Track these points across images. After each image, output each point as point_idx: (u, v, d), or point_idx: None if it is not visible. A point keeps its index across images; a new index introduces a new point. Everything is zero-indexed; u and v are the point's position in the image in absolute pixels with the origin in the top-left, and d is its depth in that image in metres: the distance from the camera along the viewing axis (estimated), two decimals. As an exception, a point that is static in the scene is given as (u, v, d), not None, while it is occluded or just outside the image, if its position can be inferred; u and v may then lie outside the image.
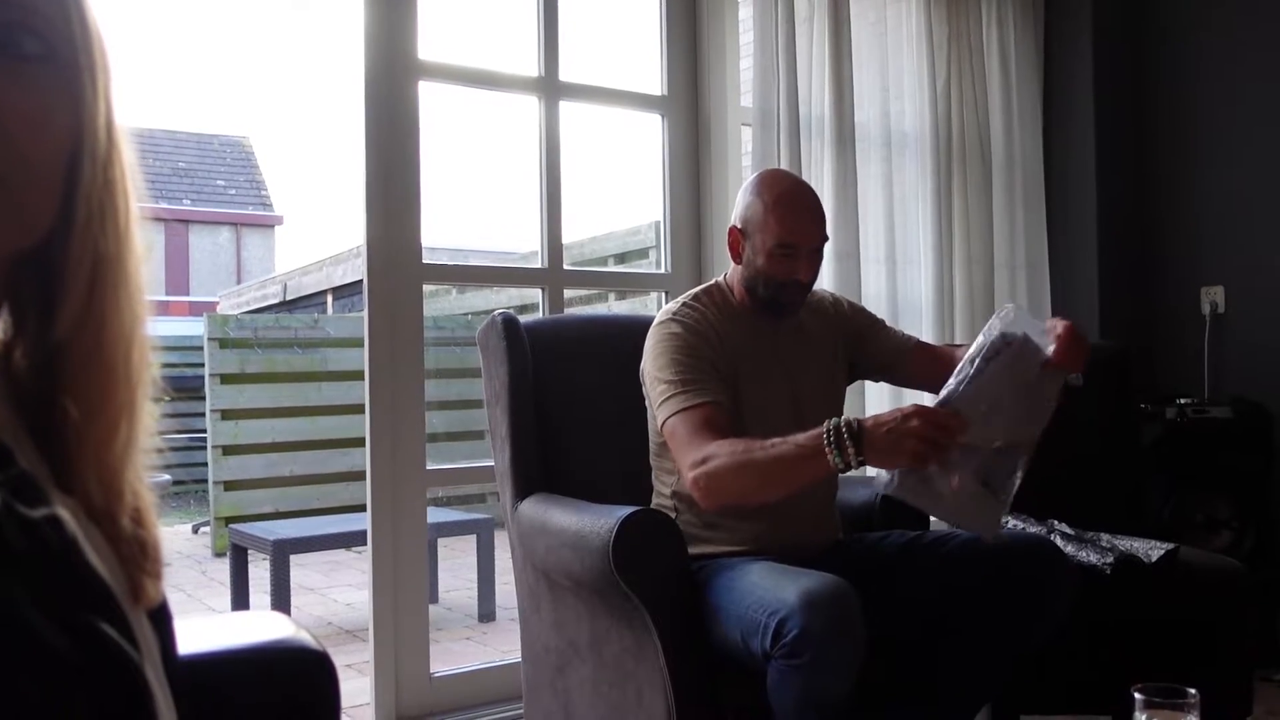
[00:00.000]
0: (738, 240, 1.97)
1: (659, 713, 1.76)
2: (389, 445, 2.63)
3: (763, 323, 2.00)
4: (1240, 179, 3.52)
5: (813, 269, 1.95)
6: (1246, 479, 3.15)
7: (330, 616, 4.47)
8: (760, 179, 1.99)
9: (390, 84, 2.63)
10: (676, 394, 1.83)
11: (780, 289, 1.94)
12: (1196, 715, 1.19)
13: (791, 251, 1.91)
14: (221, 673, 0.99)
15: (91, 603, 0.51)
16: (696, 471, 1.73)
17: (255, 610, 4.12)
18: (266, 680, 1.01)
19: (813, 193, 1.98)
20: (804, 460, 1.66)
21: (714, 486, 1.72)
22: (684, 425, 1.79)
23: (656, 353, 1.90)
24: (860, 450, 1.61)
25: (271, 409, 6.38)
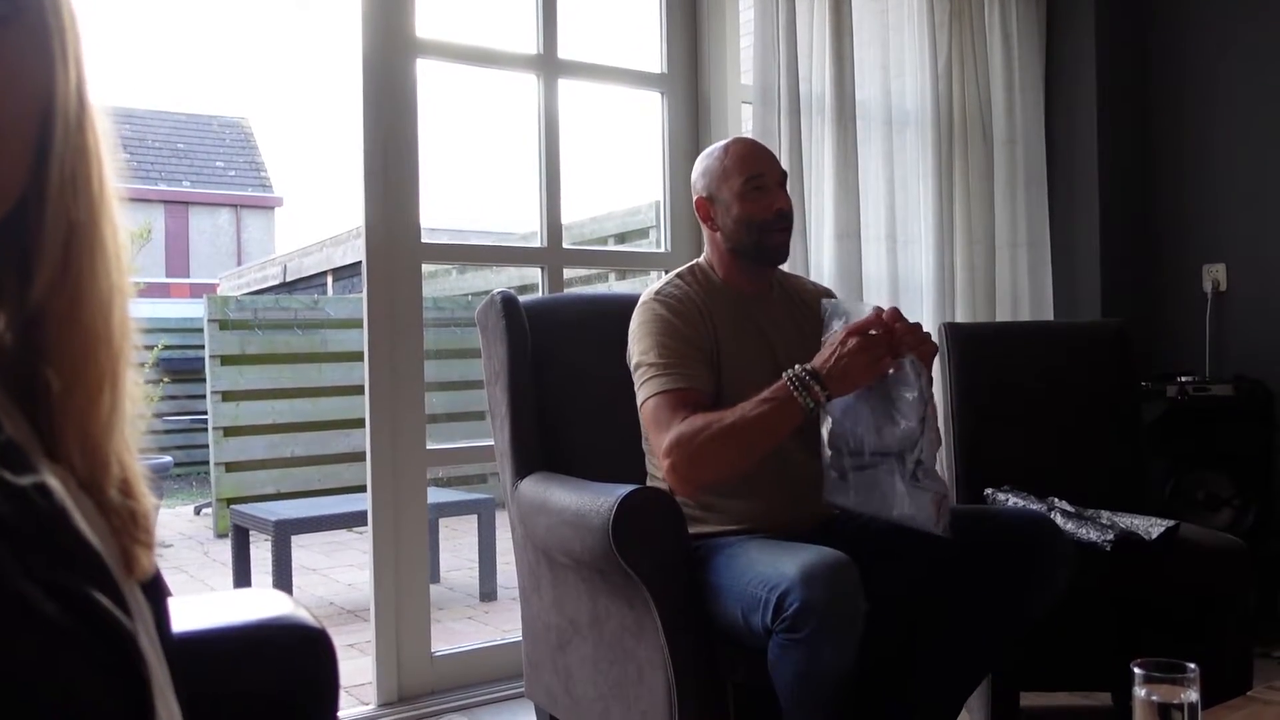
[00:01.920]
0: (706, 208, 2.01)
1: (659, 690, 1.76)
2: (389, 426, 2.63)
3: (745, 299, 2.01)
4: (1243, 156, 3.51)
5: (785, 200, 1.98)
6: (1247, 456, 3.14)
7: (332, 596, 4.48)
8: (707, 150, 2.07)
9: (388, 62, 2.61)
10: (655, 376, 1.84)
11: (764, 227, 1.95)
12: (1196, 690, 1.19)
13: (761, 182, 1.95)
14: (219, 649, 0.99)
15: (81, 570, 0.51)
16: (671, 457, 1.74)
17: (255, 588, 4.13)
18: (264, 657, 1.01)
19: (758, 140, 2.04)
20: (775, 412, 1.70)
21: (691, 466, 1.73)
22: (659, 409, 1.80)
23: (640, 334, 1.91)
24: (824, 385, 1.68)
25: (272, 390, 6.38)
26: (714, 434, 1.71)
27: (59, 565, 0.49)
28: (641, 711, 1.81)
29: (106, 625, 0.50)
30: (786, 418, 1.70)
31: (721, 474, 1.81)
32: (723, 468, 1.78)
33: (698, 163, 2.05)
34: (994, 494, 2.44)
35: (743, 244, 1.97)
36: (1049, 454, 2.62)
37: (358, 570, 4.97)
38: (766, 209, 1.94)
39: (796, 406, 1.68)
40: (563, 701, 2.08)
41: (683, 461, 1.73)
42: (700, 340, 1.90)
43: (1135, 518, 2.25)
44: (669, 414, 1.78)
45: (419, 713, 2.59)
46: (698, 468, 1.74)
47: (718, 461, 1.74)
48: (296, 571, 4.21)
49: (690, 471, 1.74)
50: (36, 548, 0.48)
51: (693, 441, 1.72)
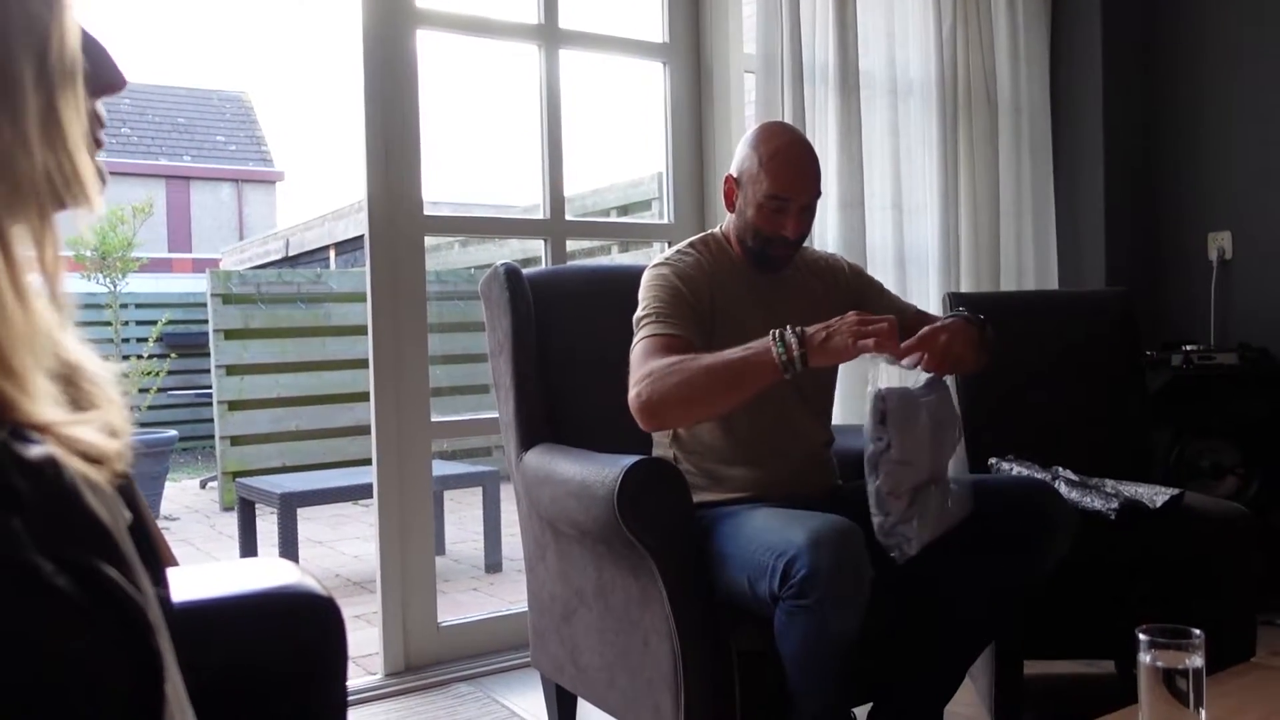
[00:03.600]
0: (732, 189, 1.98)
1: (665, 659, 1.77)
2: (393, 399, 2.63)
3: (756, 275, 2.00)
4: (1249, 124, 3.48)
5: (801, 226, 1.94)
6: (1252, 425, 3.14)
7: (338, 568, 4.50)
8: (759, 131, 1.98)
9: (388, 32, 2.59)
10: (647, 323, 1.85)
11: (767, 243, 1.94)
12: (1201, 656, 1.20)
13: (781, 205, 1.90)
14: (228, 618, 0.99)
15: (91, 544, 0.51)
16: (638, 387, 1.74)
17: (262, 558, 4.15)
18: (273, 625, 1.01)
19: (810, 149, 1.97)
20: (747, 362, 1.69)
21: (654, 397, 1.72)
22: (643, 350, 1.81)
23: (643, 294, 1.93)
24: (803, 344, 1.65)
25: (276, 364, 6.40)
26: (683, 369, 1.72)
27: (70, 540, 0.49)
28: (647, 679, 1.82)
29: (117, 599, 0.50)
30: (758, 369, 1.69)
31: (684, 413, 1.80)
32: (686, 406, 1.76)
33: (743, 141, 1.98)
34: (998, 463, 2.45)
35: (746, 242, 1.97)
36: (1053, 423, 2.62)
37: (363, 542, 5.00)
38: (778, 228, 1.92)
39: (770, 359, 1.66)
40: (569, 671, 2.09)
41: (647, 391, 1.73)
42: (698, 304, 1.90)
43: (1140, 486, 2.25)
44: (650, 354, 1.79)
45: (426, 682, 2.61)
46: (661, 401, 1.73)
47: (681, 399, 1.73)
48: (302, 544, 4.23)
49: (652, 403, 1.73)
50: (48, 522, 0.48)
51: (662, 375, 1.73)
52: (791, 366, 1.67)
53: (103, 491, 0.56)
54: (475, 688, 2.60)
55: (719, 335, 1.91)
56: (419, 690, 2.58)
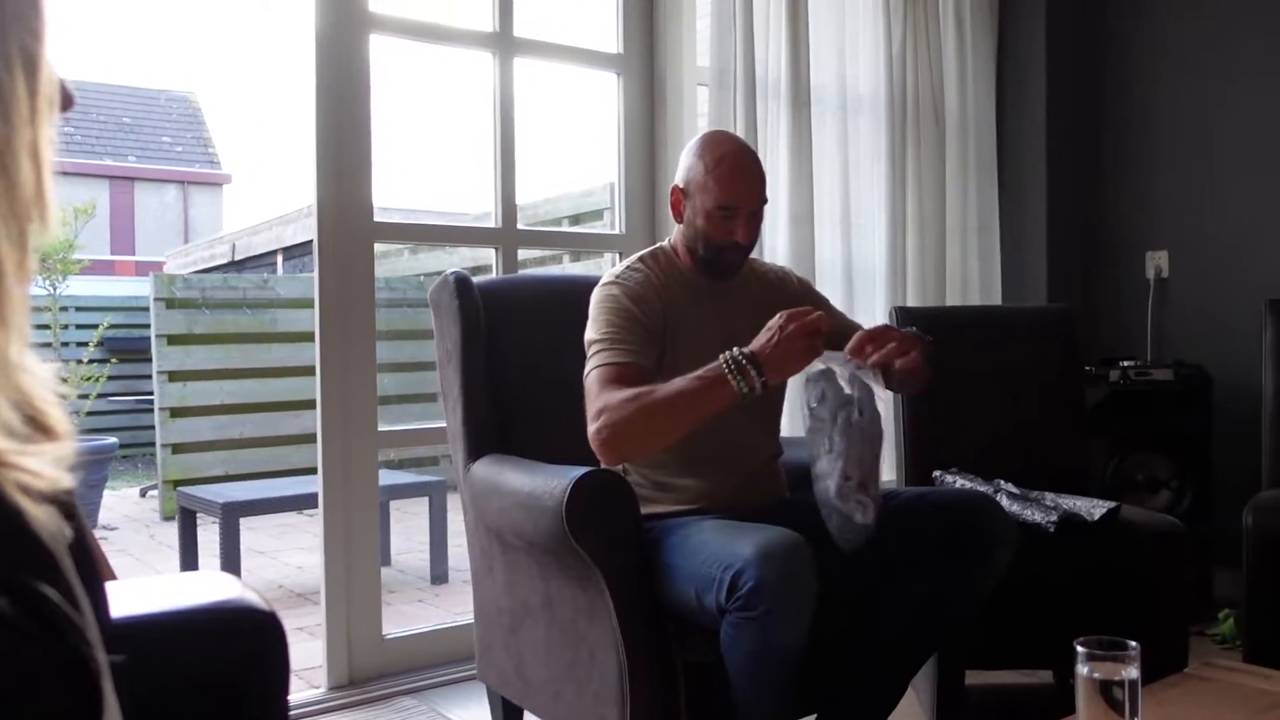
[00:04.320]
0: (679, 200, 1.99)
1: (611, 672, 1.77)
2: (340, 407, 2.61)
3: (707, 287, 2.01)
4: (1187, 146, 3.57)
5: (751, 231, 1.96)
6: (1186, 440, 3.22)
7: (281, 579, 4.44)
8: (703, 140, 2.00)
9: (341, 36, 2.57)
10: (599, 351, 1.85)
11: (719, 250, 1.95)
12: (1136, 667, 1.22)
13: (730, 213, 1.92)
14: (166, 634, 0.98)
15: (32, 565, 0.50)
16: (596, 424, 1.74)
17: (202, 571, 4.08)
18: (212, 641, 1.00)
19: (754, 155, 1.99)
20: (705, 390, 1.69)
21: (614, 434, 1.72)
22: (596, 381, 1.81)
23: (594, 314, 1.92)
24: (760, 370, 1.66)
25: (220, 370, 6.29)
26: (642, 404, 1.72)
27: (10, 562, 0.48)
28: (593, 693, 1.82)
29: (57, 622, 0.49)
30: (717, 398, 1.70)
31: (645, 445, 1.81)
32: (646, 440, 1.77)
33: (687, 151, 2.00)
34: (941, 476, 2.48)
35: (697, 252, 1.98)
36: (996, 437, 2.66)
37: (308, 553, 4.93)
38: (727, 235, 1.94)
39: (729, 388, 1.67)
40: (515, 684, 2.08)
41: (607, 430, 1.73)
42: (651, 323, 1.90)
43: (1078, 499, 2.29)
44: (604, 385, 1.79)
45: (370, 696, 2.58)
46: (621, 437, 1.73)
47: (641, 432, 1.74)
48: (245, 554, 4.16)
49: (613, 439, 1.73)
50: None
51: (619, 410, 1.72)
52: (751, 393, 1.68)
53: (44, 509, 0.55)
54: (420, 701, 2.58)
55: (673, 349, 1.91)
56: (363, 704, 2.55)
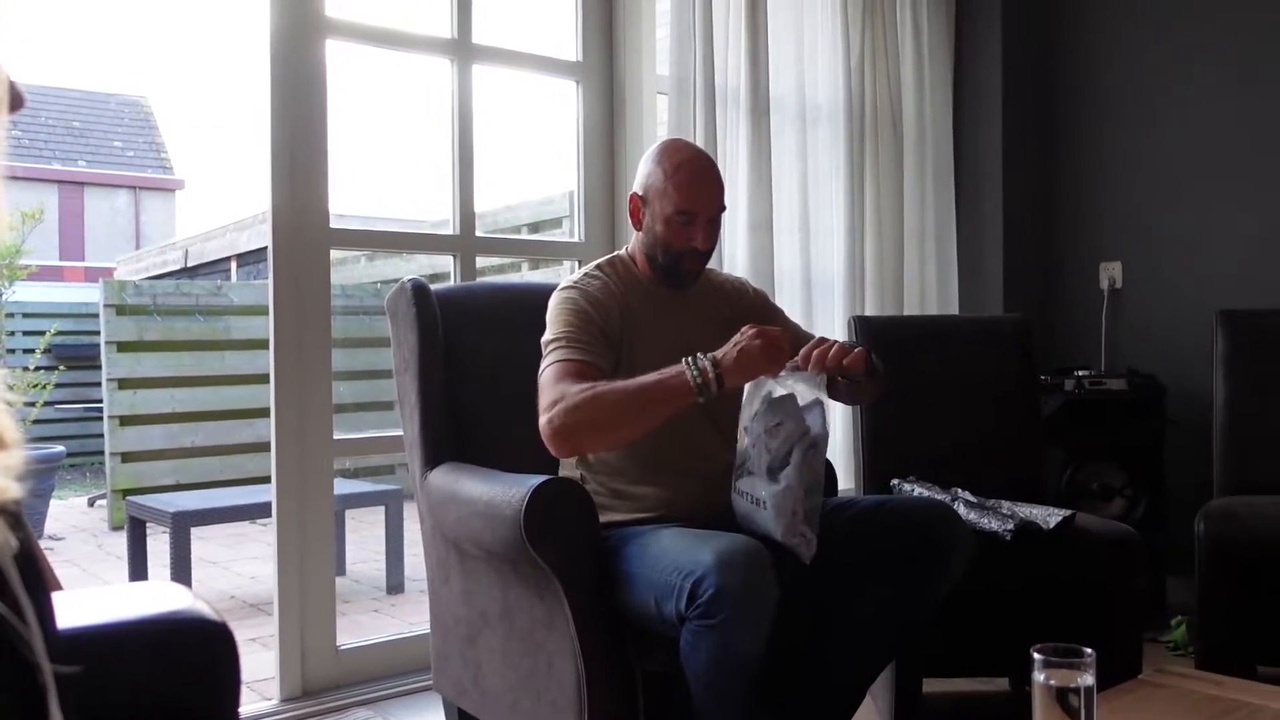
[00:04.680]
0: (638, 207, 1.99)
1: (569, 681, 1.75)
2: (295, 415, 2.57)
3: (664, 296, 2.01)
4: (1139, 159, 3.63)
5: (709, 237, 1.97)
6: (1139, 449, 3.26)
7: (234, 590, 4.37)
8: (661, 147, 2.01)
9: (297, 41, 2.55)
10: (557, 348, 1.85)
11: (679, 256, 1.96)
12: (1092, 674, 1.23)
13: (689, 219, 1.92)
14: (113, 646, 0.95)
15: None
16: (550, 413, 1.74)
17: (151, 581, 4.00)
18: (161, 653, 0.97)
19: (712, 162, 2.01)
20: (663, 386, 1.70)
21: (566, 424, 1.72)
22: (552, 375, 1.81)
23: (551, 317, 1.93)
24: (718, 369, 1.68)
25: (172, 378, 6.20)
26: (597, 395, 1.72)
27: None
28: (551, 702, 1.80)
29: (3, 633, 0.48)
30: (673, 393, 1.70)
31: (596, 439, 1.81)
32: (598, 432, 1.77)
33: (645, 158, 2.01)
34: (899, 484, 2.49)
35: (656, 259, 1.98)
36: (953, 445, 2.68)
37: (261, 563, 4.86)
38: (686, 241, 1.94)
39: (685, 383, 1.68)
40: (471, 694, 2.06)
41: (559, 419, 1.73)
42: (608, 328, 1.90)
43: (1034, 508, 2.31)
44: (560, 379, 1.78)
45: (323, 707, 2.54)
46: (573, 428, 1.73)
47: (594, 424, 1.73)
48: (196, 565, 4.09)
49: (565, 429, 1.73)
50: None
51: (574, 400, 1.72)
52: (706, 390, 1.68)
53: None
54: (375, 712, 2.54)
55: (631, 357, 1.91)
56: (315, 715, 2.51)
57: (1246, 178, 3.39)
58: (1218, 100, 3.45)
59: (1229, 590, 2.43)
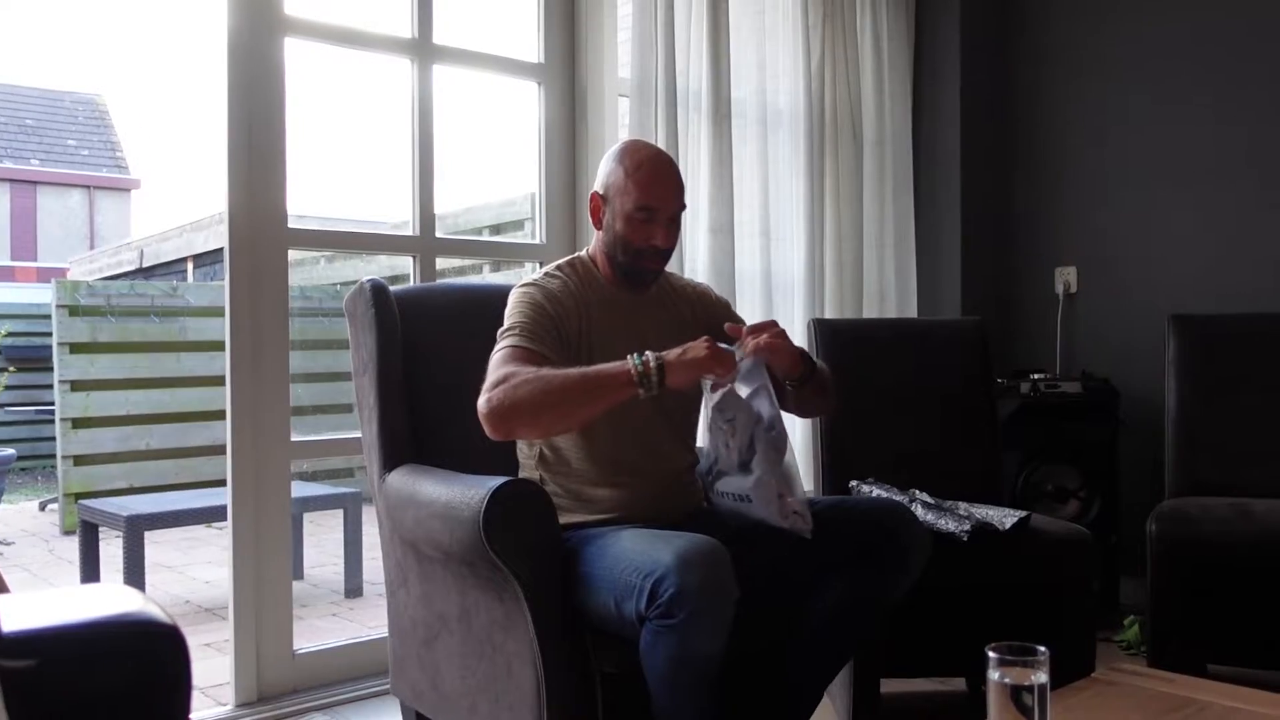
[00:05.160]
0: (599, 206, 1.99)
1: (528, 684, 1.75)
2: (251, 417, 2.54)
3: (625, 298, 2.01)
4: (1094, 165, 3.69)
5: (670, 236, 1.97)
6: (1093, 451, 3.31)
7: (188, 595, 4.31)
8: (622, 147, 2.02)
9: (255, 40, 2.52)
10: (507, 336, 1.85)
11: (638, 255, 1.96)
12: (1046, 673, 1.25)
13: (650, 216, 1.93)
14: (62, 647, 0.93)
15: None
16: (489, 394, 1.74)
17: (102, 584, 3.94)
18: (111, 655, 0.96)
19: (672, 161, 2.03)
20: (606, 377, 1.71)
21: (505, 404, 1.71)
22: (497, 359, 1.81)
23: (507, 311, 1.92)
24: (661, 363, 1.70)
25: (126, 380, 6.11)
26: (537, 379, 1.72)
27: None
28: (510, 705, 1.80)
29: None
30: (614, 382, 1.71)
31: (533, 422, 1.79)
32: (536, 416, 1.75)
33: (606, 158, 2.01)
34: (858, 485, 2.51)
35: (616, 258, 1.98)
36: (911, 447, 2.70)
37: (216, 567, 4.79)
38: (646, 239, 1.94)
39: (627, 373, 1.70)
40: (429, 698, 2.04)
41: (498, 398, 1.72)
42: (563, 326, 1.90)
43: (990, 509, 2.34)
44: (505, 363, 1.79)
45: (279, 712, 2.51)
46: (511, 409, 1.72)
47: (533, 407, 1.72)
48: (150, 569, 4.03)
49: (503, 409, 1.72)
50: None
51: (514, 381, 1.73)
52: (647, 381, 1.69)
53: None
54: (331, 717, 2.52)
55: (589, 357, 1.90)
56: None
57: (1198, 186, 3.46)
58: (1171, 110, 3.51)
59: (1180, 590, 2.47)
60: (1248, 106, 3.35)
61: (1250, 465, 2.77)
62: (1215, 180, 3.42)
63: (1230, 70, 3.38)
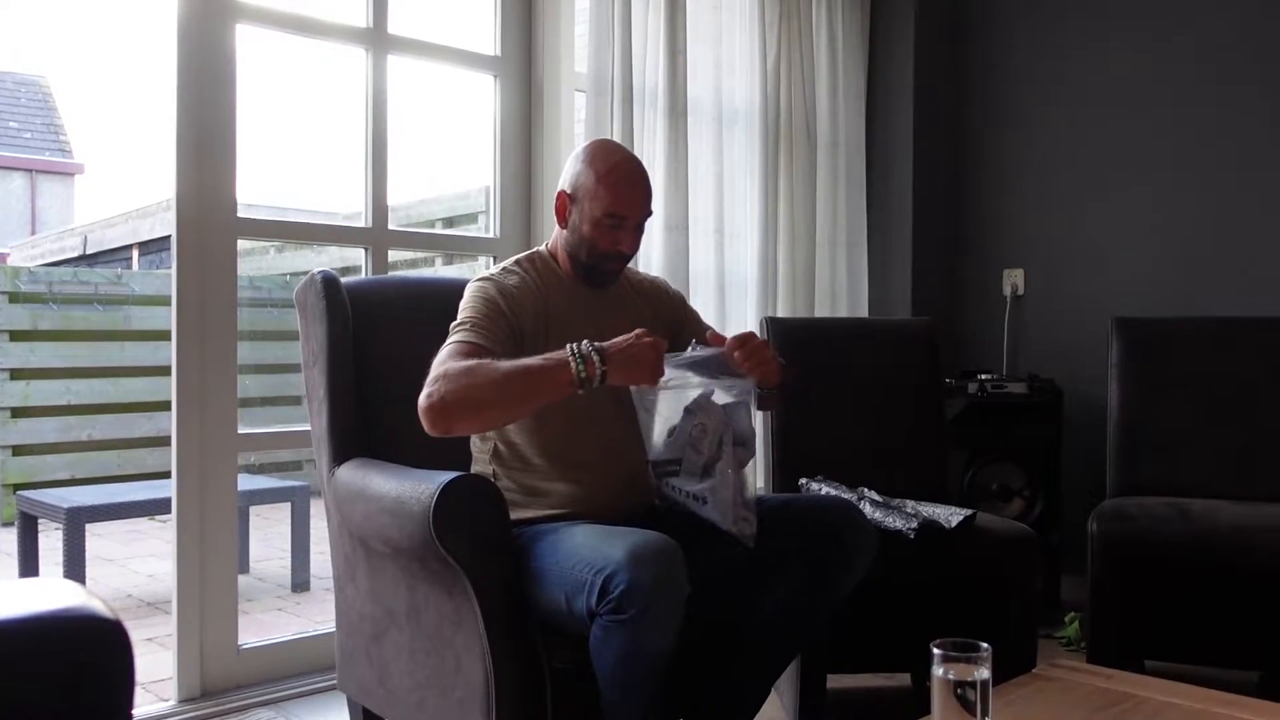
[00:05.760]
0: (565, 205, 1.97)
1: (477, 680, 1.74)
2: (197, 409, 2.50)
3: (584, 292, 2.01)
4: (1042, 169, 3.75)
5: (635, 242, 1.97)
6: (1038, 450, 3.37)
7: (130, 588, 4.24)
8: (593, 148, 2.00)
9: (205, 24, 2.48)
10: (456, 331, 1.83)
11: (602, 258, 1.95)
12: (988, 669, 1.27)
13: (618, 222, 1.92)
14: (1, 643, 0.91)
15: None
16: (429, 388, 1.71)
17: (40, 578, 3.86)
18: (52, 650, 0.94)
19: (643, 167, 2.01)
20: (546, 371, 1.68)
21: (443, 399, 1.69)
22: (442, 354, 1.78)
23: (461, 305, 1.90)
24: (604, 361, 1.67)
25: (68, 369, 5.99)
26: (478, 371, 1.70)
27: None
28: (459, 700, 1.79)
29: None
30: (555, 381, 1.68)
31: (473, 417, 1.77)
32: (475, 411, 1.74)
33: (575, 157, 1.99)
34: (808, 483, 2.53)
35: (579, 258, 1.97)
36: (861, 445, 2.73)
37: (159, 561, 4.72)
38: (613, 244, 1.94)
39: (568, 373, 1.67)
40: (376, 693, 2.03)
41: (438, 393, 1.70)
42: (517, 323, 1.88)
43: (937, 507, 2.37)
44: (449, 358, 1.76)
45: (223, 708, 2.48)
46: (452, 404, 1.70)
47: (472, 402, 1.71)
48: (91, 562, 3.96)
49: (443, 403, 1.70)
50: None
51: (453, 374, 1.70)
52: (589, 385, 1.68)
53: None
54: (277, 713, 2.49)
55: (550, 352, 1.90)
56: (215, 716, 2.45)
57: (1143, 190, 3.53)
58: (1118, 118, 3.58)
59: (1119, 588, 2.52)
60: (1192, 113, 3.43)
61: (1189, 466, 2.83)
62: (1160, 185, 3.50)
63: (1176, 77, 3.46)
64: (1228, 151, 3.38)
